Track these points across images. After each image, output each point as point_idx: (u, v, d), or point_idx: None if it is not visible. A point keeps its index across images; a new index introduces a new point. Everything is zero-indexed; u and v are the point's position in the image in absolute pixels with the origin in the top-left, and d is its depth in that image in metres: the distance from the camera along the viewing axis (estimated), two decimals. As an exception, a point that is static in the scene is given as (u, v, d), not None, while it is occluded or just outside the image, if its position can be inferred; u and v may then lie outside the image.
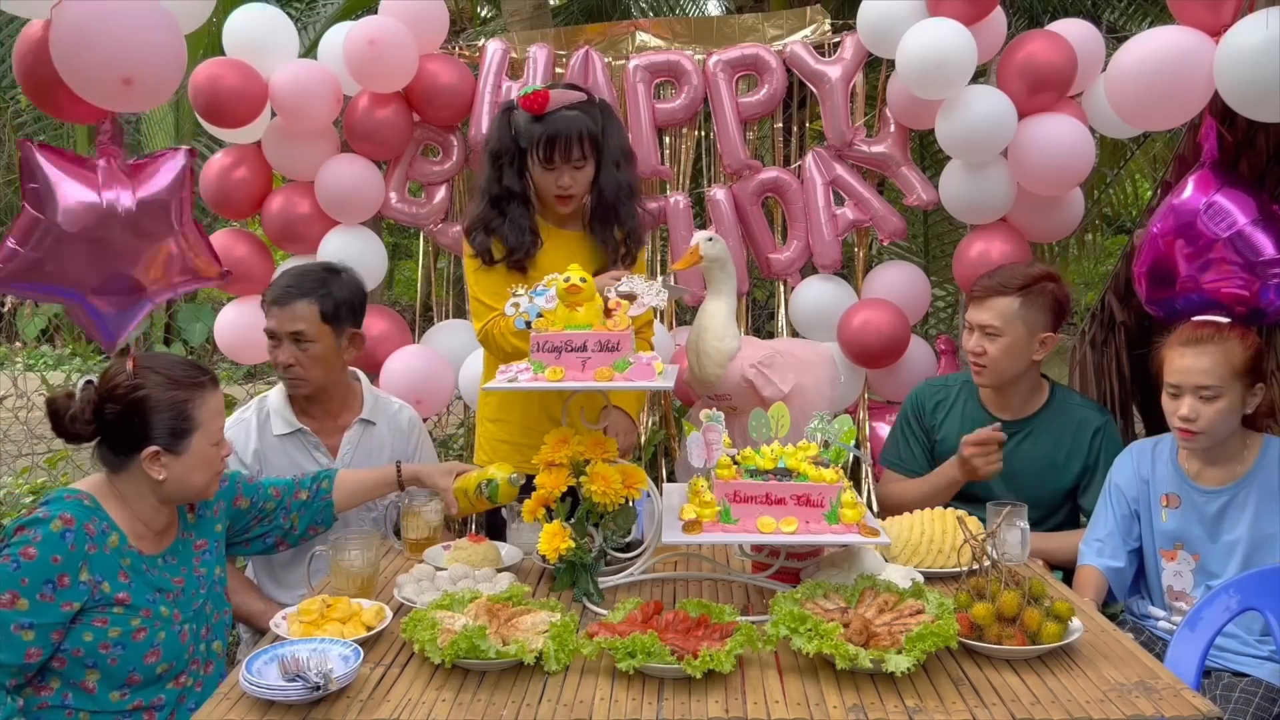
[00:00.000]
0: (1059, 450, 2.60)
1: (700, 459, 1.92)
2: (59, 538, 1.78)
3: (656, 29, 3.59)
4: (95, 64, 2.33)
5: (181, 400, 1.90)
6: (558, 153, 2.39)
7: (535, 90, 2.41)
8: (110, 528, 1.87)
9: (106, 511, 1.89)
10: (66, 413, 1.88)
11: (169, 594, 1.92)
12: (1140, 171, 6.27)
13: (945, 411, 2.72)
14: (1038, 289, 2.52)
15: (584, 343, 1.94)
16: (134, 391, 1.88)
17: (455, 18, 5.78)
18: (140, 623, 1.86)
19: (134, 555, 1.89)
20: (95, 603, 1.82)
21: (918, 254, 5.62)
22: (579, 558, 2.00)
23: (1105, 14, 5.50)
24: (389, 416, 2.65)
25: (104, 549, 1.84)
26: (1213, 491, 2.31)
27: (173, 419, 1.89)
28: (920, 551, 2.14)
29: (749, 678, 1.67)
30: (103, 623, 1.83)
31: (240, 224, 3.91)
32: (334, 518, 2.32)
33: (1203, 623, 2.12)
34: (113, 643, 1.83)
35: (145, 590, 1.88)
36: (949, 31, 2.89)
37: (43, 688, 1.83)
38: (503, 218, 2.47)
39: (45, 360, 7.14)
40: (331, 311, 2.47)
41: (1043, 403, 2.64)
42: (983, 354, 2.54)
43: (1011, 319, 2.51)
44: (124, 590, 1.85)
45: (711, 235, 2.67)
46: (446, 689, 1.64)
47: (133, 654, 1.85)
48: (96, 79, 2.36)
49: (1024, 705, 1.57)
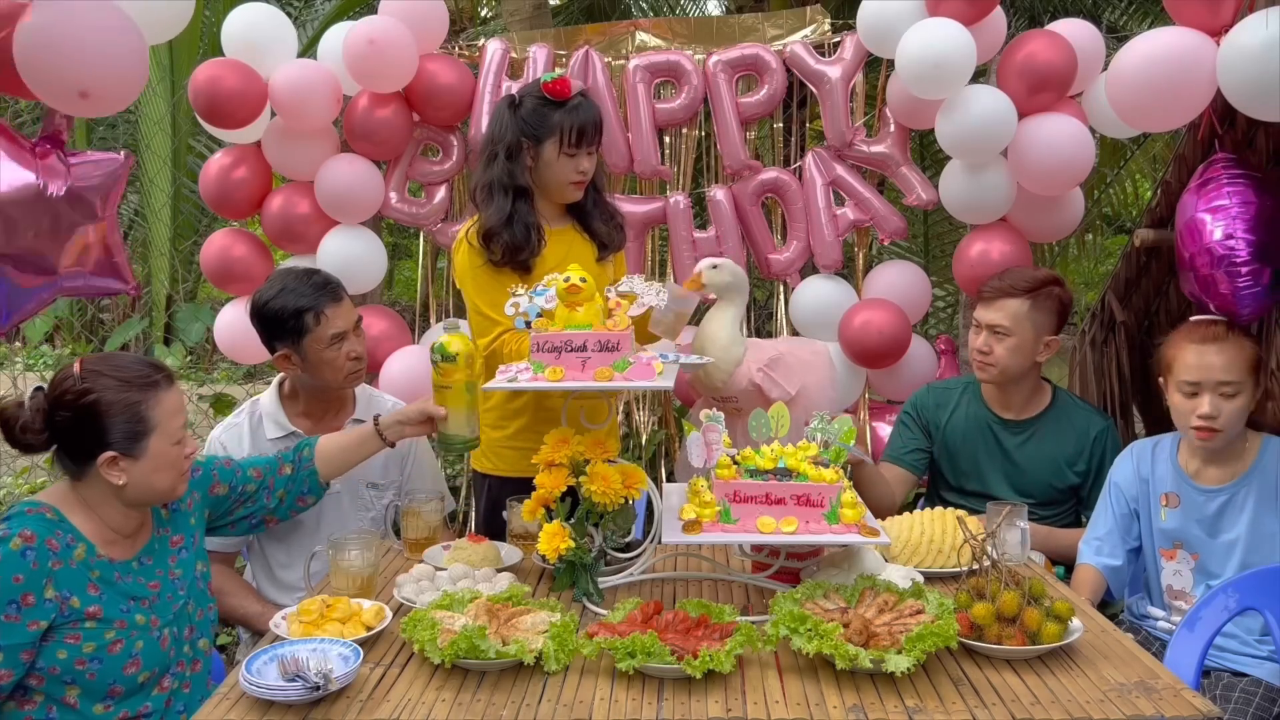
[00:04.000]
0: (1063, 450, 2.63)
1: (700, 459, 1.92)
2: (19, 556, 1.72)
3: (656, 29, 3.59)
4: (54, 74, 2.33)
5: (135, 401, 1.82)
6: (585, 137, 2.44)
7: (558, 76, 2.44)
8: (75, 539, 1.81)
9: (71, 522, 1.82)
10: (17, 423, 1.81)
11: (144, 600, 1.86)
12: (1140, 171, 6.28)
13: (948, 413, 2.74)
14: (1045, 292, 2.59)
15: (584, 343, 1.94)
16: (84, 396, 1.80)
17: (455, 18, 5.78)
18: (115, 634, 1.80)
19: (104, 565, 1.83)
20: (65, 619, 1.76)
21: (918, 254, 5.63)
22: (579, 558, 2.00)
23: (1105, 14, 5.50)
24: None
25: (69, 563, 1.78)
26: (1212, 491, 2.31)
27: (127, 422, 1.82)
28: (920, 551, 2.15)
29: (749, 678, 1.67)
30: (75, 639, 1.77)
31: (240, 224, 3.90)
32: (322, 486, 2.27)
33: (1201, 622, 2.12)
34: (88, 658, 1.78)
35: (118, 601, 1.83)
36: (949, 31, 2.88)
37: (26, 702, 1.78)
38: (517, 214, 2.47)
39: (45, 360, 7.13)
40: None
41: (1046, 404, 2.68)
42: (990, 353, 2.59)
43: (1020, 320, 2.56)
44: (95, 604, 1.79)
45: (716, 263, 2.61)
46: (446, 689, 1.64)
47: (111, 666, 1.80)
48: (55, 88, 2.36)
49: (1024, 705, 1.57)
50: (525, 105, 2.46)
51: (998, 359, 2.58)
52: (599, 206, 2.60)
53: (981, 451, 2.68)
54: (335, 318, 2.44)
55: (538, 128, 2.44)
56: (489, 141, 2.52)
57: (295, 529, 2.52)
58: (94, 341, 7.07)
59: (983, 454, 2.68)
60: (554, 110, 2.43)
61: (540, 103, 2.44)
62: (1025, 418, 2.67)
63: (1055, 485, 2.63)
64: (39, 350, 7.44)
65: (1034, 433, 2.65)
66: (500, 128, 2.49)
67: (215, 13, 6.17)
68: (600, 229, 2.60)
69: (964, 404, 2.74)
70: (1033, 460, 2.63)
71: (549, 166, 2.47)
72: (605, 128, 2.65)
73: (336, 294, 2.47)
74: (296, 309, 2.41)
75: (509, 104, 2.50)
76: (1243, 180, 2.42)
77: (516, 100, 2.49)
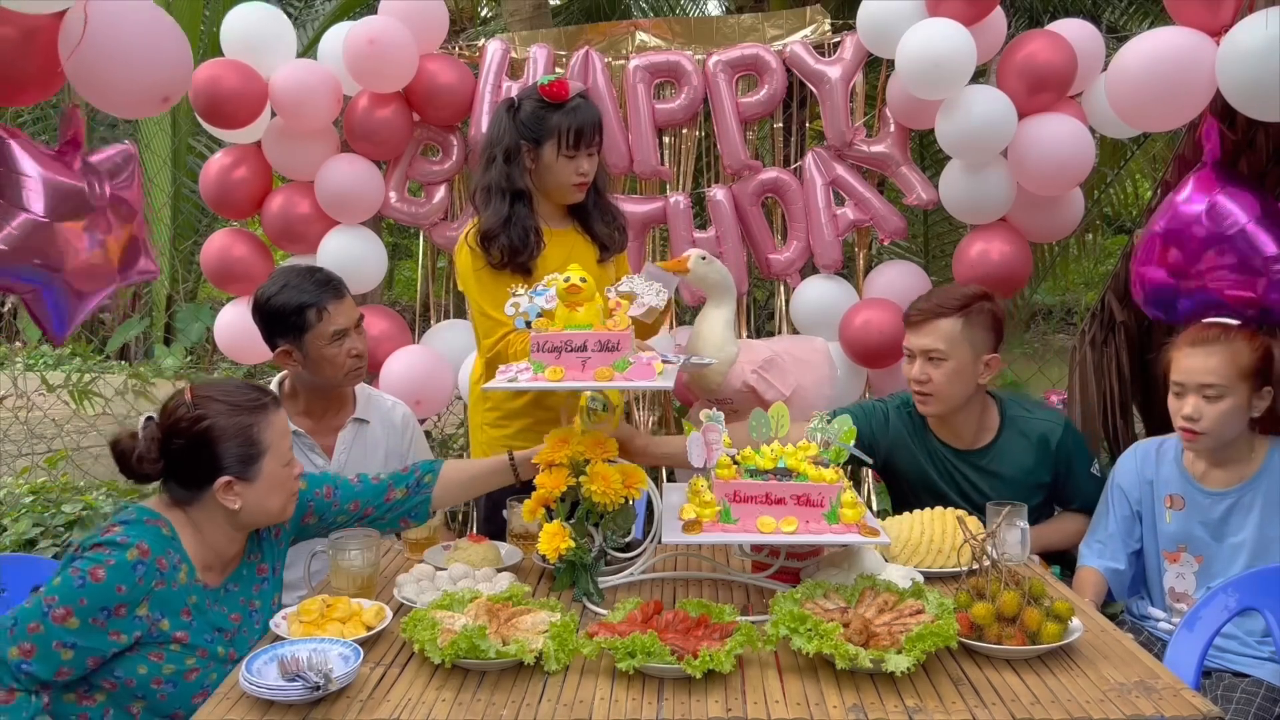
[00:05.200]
0: (1023, 468, 2.51)
1: (700, 459, 1.92)
2: (130, 568, 1.72)
3: (656, 29, 3.59)
4: (135, 81, 2.33)
5: (247, 425, 1.84)
6: (584, 139, 2.43)
7: (555, 79, 2.44)
8: (182, 560, 1.81)
9: (181, 542, 1.83)
10: (133, 454, 1.82)
11: (227, 633, 1.87)
12: (1140, 171, 6.27)
13: (892, 439, 2.57)
14: (976, 308, 2.43)
15: (584, 343, 1.94)
16: (198, 423, 1.81)
17: (455, 18, 5.78)
18: (195, 662, 1.81)
19: (199, 590, 1.84)
20: (153, 639, 1.77)
21: (918, 254, 5.63)
22: (579, 558, 2.00)
23: (1105, 14, 5.50)
24: (382, 414, 2.65)
25: (172, 584, 1.78)
26: (1218, 494, 2.30)
27: (241, 445, 1.83)
28: (920, 551, 2.14)
29: (749, 678, 1.67)
30: (159, 658, 1.78)
31: (240, 224, 3.91)
32: (430, 513, 2.19)
33: (1201, 622, 2.12)
34: (165, 679, 1.79)
35: (205, 630, 1.83)
36: (949, 31, 2.89)
37: (85, 699, 1.78)
38: (515, 217, 2.47)
39: (45, 360, 7.14)
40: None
41: (997, 426, 2.53)
42: (928, 381, 2.43)
43: (956, 341, 2.41)
44: (183, 629, 1.80)
45: (705, 255, 2.58)
46: (446, 689, 1.64)
47: (183, 692, 1.80)
48: (134, 97, 2.38)
49: (1024, 705, 1.57)
50: (524, 108, 2.47)
51: (937, 387, 2.42)
52: (600, 208, 2.60)
53: (943, 479, 2.54)
54: (337, 314, 2.44)
55: (536, 130, 2.44)
56: (488, 145, 2.53)
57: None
58: (94, 341, 7.07)
59: (940, 482, 2.54)
60: (552, 112, 2.43)
61: (538, 105, 2.45)
62: (979, 446, 2.52)
63: (1023, 495, 2.43)
64: (39, 350, 7.44)
65: (989, 460, 2.51)
66: (499, 131, 2.49)
67: (215, 13, 6.16)
68: (601, 230, 2.60)
69: (909, 433, 2.57)
70: (996, 486, 2.49)
71: (549, 169, 2.47)
72: (605, 128, 2.65)
73: (339, 291, 2.48)
74: (299, 305, 2.42)
75: (508, 107, 2.50)
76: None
77: (515, 103, 2.50)
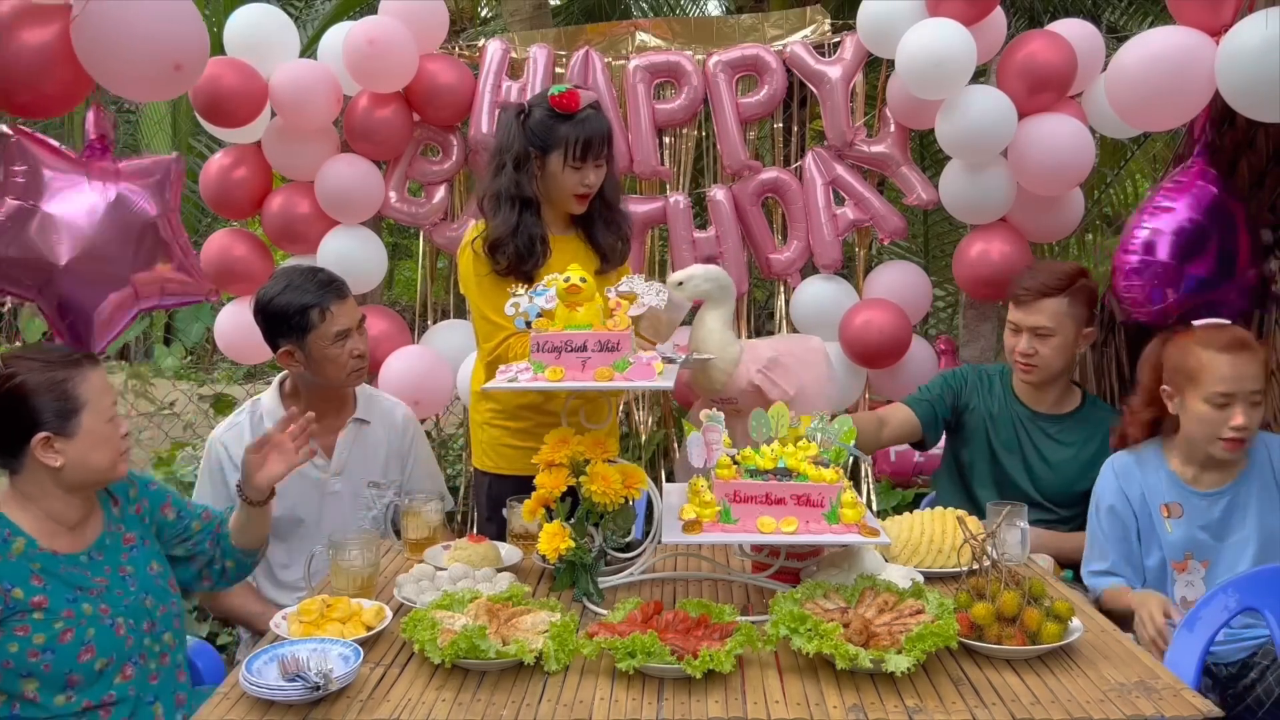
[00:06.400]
0: (1088, 450, 2.60)
1: (700, 459, 1.92)
2: None
3: (656, 29, 3.59)
4: (143, 51, 2.29)
5: (61, 379, 1.83)
6: (591, 151, 2.41)
7: (567, 90, 2.42)
8: (13, 534, 1.83)
9: (9, 518, 1.84)
10: None
11: (91, 590, 1.86)
12: (1140, 171, 6.26)
13: (981, 397, 2.72)
14: (1079, 286, 2.57)
15: (584, 343, 1.93)
16: (8, 381, 1.81)
17: (455, 18, 5.77)
18: (64, 624, 1.81)
19: (46, 557, 1.84)
20: (11, 611, 1.78)
21: (918, 254, 5.63)
22: (579, 558, 2.00)
23: (1105, 14, 5.49)
24: (383, 414, 2.65)
25: (7, 557, 1.80)
26: (1213, 494, 2.28)
27: (56, 400, 1.82)
28: (920, 551, 2.14)
29: (749, 678, 1.67)
30: (24, 630, 1.79)
31: (240, 224, 3.90)
32: (248, 565, 2.16)
33: (1201, 622, 2.11)
34: (40, 649, 1.79)
35: (63, 591, 1.83)
36: (949, 31, 2.88)
37: None
38: (523, 225, 2.46)
39: (45, 360, 7.13)
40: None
41: (1078, 401, 2.68)
42: (1034, 354, 2.57)
43: (1062, 318, 2.55)
44: (39, 594, 1.81)
45: (681, 279, 2.48)
46: (446, 689, 1.64)
47: (64, 656, 1.80)
48: (143, 69, 2.33)
49: (1024, 705, 1.57)
50: (533, 116, 2.44)
51: (1044, 359, 2.56)
52: (606, 218, 2.56)
53: (1009, 442, 2.66)
54: (339, 315, 2.44)
55: (544, 139, 2.43)
56: (497, 151, 2.51)
57: (295, 529, 2.53)
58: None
59: (1010, 445, 2.65)
60: (561, 123, 2.41)
61: (548, 114, 2.42)
62: (1059, 413, 2.66)
63: (1074, 489, 2.58)
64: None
65: (1065, 428, 2.64)
66: (508, 138, 2.47)
67: (215, 13, 6.16)
68: (605, 240, 2.56)
69: (998, 394, 2.72)
70: (1061, 462, 2.61)
71: (554, 178, 2.46)
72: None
73: (341, 291, 2.48)
74: (301, 305, 2.41)
75: (517, 114, 2.47)
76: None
77: (525, 111, 2.48)
